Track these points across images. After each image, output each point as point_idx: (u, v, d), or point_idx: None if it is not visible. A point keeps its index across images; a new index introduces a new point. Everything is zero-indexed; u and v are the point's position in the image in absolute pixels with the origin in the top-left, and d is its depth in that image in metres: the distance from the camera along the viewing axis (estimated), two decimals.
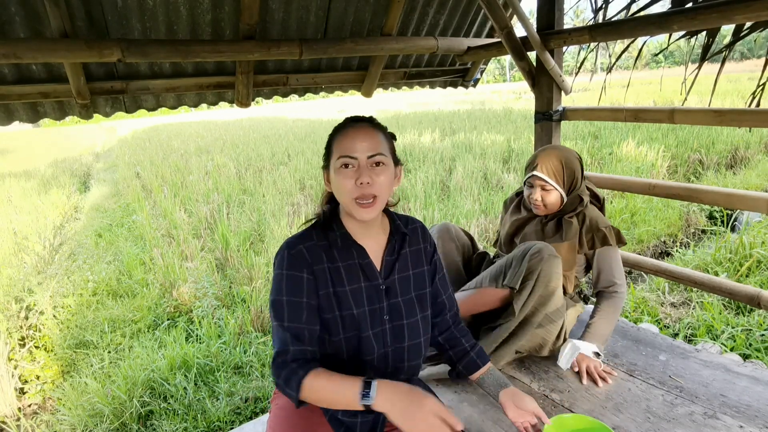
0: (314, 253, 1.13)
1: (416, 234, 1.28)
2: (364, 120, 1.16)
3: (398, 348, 1.22)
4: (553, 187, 1.77)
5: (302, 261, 1.11)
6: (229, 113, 37.48)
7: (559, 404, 1.69)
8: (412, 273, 1.25)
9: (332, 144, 1.13)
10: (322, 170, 1.18)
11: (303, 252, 1.12)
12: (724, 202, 1.95)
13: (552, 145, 1.84)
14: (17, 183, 11.41)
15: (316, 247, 1.14)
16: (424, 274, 1.28)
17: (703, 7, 1.61)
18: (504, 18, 2.21)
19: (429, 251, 1.30)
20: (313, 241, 1.14)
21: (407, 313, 1.22)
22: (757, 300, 1.89)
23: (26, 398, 3.39)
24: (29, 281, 4.75)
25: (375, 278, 1.18)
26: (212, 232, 6.19)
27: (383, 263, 1.20)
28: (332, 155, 1.12)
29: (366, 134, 1.11)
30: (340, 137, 1.12)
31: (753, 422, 1.54)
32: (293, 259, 1.11)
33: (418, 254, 1.27)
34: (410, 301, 1.24)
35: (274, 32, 2.14)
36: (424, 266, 1.28)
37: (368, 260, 1.18)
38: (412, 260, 1.26)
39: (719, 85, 17.67)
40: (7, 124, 1.98)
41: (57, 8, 1.60)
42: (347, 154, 1.08)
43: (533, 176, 1.79)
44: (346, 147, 1.09)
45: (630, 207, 5.85)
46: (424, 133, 13.14)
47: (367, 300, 1.17)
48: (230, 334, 3.61)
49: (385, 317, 1.19)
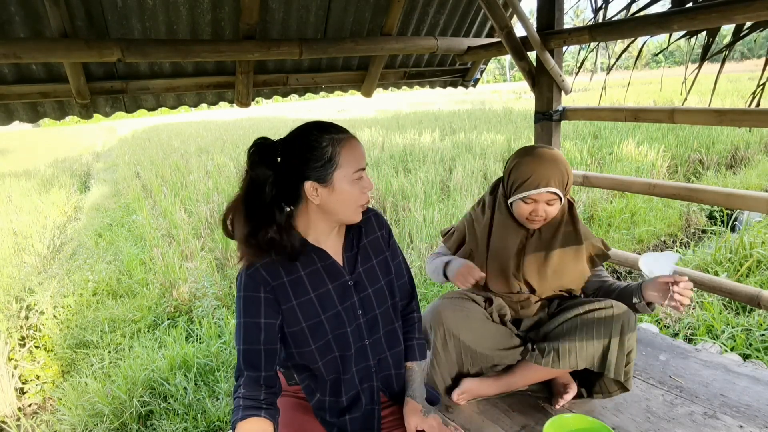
0: (271, 270, 1.12)
1: (370, 223, 1.29)
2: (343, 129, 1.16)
3: (376, 338, 1.24)
4: (559, 198, 1.58)
5: (260, 281, 1.11)
6: (229, 113, 37.47)
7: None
8: (375, 262, 1.27)
9: (336, 156, 1.09)
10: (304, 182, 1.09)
11: (259, 271, 1.12)
12: (725, 202, 1.95)
13: (538, 149, 1.62)
14: (17, 183, 11.41)
15: (274, 263, 1.13)
16: (388, 260, 1.30)
17: (704, 7, 1.60)
18: (504, 18, 2.21)
19: (385, 237, 1.32)
20: (270, 258, 1.12)
21: (378, 303, 1.25)
22: (757, 300, 1.89)
23: (26, 398, 3.40)
24: (30, 281, 4.75)
25: (341, 276, 1.20)
26: (212, 231, 6.19)
27: (344, 260, 1.22)
28: (338, 167, 1.09)
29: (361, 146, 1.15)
30: (348, 150, 1.10)
31: (753, 422, 1.54)
32: (249, 279, 1.12)
33: (377, 242, 1.29)
34: (380, 290, 1.26)
35: (274, 32, 2.14)
36: (385, 252, 1.30)
37: (330, 260, 1.19)
38: (373, 249, 1.27)
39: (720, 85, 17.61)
40: (7, 124, 1.98)
41: (57, 8, 1.60)
42: (363, 166, 1.13)
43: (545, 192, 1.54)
44: (359, 159, 1.11)
45: (630, 207, 5.85)
46: (425, 133, 13.14)
47: (338, 299, 1.18)
48: (230, 334, 3.61)
49: (358, 312, 1.21)
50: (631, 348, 1.53)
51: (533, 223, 1.61)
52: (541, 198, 1.56)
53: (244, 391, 1.09)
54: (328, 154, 1.08)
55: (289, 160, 1.10)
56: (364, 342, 1.22)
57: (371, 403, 1.25)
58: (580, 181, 2.44)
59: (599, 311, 1.53)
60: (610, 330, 1.50)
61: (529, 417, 1.62)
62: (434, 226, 5.57)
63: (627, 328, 1.51)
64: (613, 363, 1.51)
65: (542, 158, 1.57)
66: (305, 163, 1.08)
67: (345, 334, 1.18)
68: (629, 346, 1.52)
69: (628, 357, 1.53)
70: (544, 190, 1.53)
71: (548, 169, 1.54)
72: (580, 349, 1.52)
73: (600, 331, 1.51)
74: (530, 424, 1.59)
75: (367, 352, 1.23)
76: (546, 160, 1.56)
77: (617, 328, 1.50)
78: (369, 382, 1.24)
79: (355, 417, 1.21)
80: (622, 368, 1.53)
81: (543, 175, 1.53)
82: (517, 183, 1.58)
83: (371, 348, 1.24)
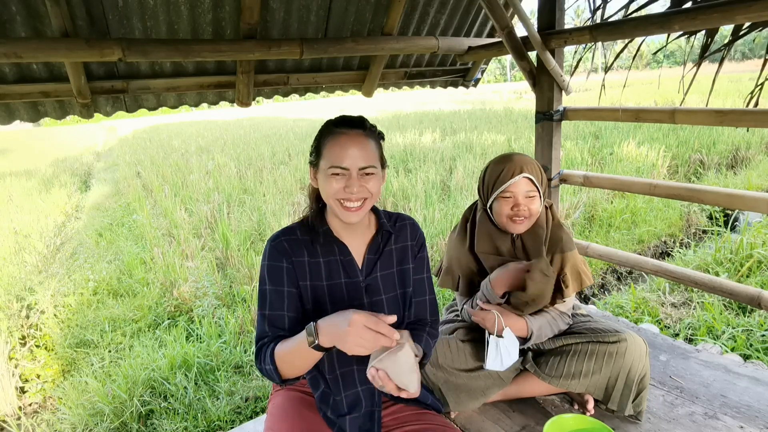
0: (294, 246, 1.18)
1: (404, 231, 1.28)
2: (356, 125, 1.12)
3: None
4: (537, 189, 1.53)
5: (282, 252, 1.16)
6: (230, 113, 37.49)
7: (560, 405, 1.69)
8: (396, 270, 1.25)
9: (322, 146, 1.12)
10: (309, 165, 1.18)
11: (283, 243, 1.17)
12: (725, 203, 1.95)
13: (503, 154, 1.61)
14: (18, 182, 11.42)
15: (298, 241, 1.18)
16: (409, 272, 1.27)
17: (704, 7, 1.60)
18: (505, 18, 2.21)
19: (415, 249, 1.29)
20: (296, 236, 1.19)
21: (390, 311, 1.22)
22: (757, 300, 1.88)
23: (27, 397, 3.40)
24: (30, 280, 4.76)
25: (356, 275, 1.19)
26: (213, 231, 6.19)
27: (365, 261, 1.21)
28: (322, 157, 1.12)
29: (358, 145, 1.09)
30: (332, 143, 1.10)
31: (753, 423, 1.54)
32: (274, 250, 1.17)
33: (404, 251, 1.27)
34: (394, 300, 1.24)
35: (274, 32, 2.14)
36: (409, 263, 1.27)
37: (350, 257, 1.19)
38: (398, 257, 1.25)
39: (721, 85, 17.66)
40: (7, 123, 1.99)
41: (58, 7, 1.60)
42: (339, 164, 1.08)
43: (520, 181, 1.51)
44: (338, 157, 1.08)
45: (630, 207, 5.85)
46: (425, 133, 13.14)
47: (347, 296, 1.18)
48: (231, 334, 3.62)
49: None
50: (643, 387, 1.52)
51: (516, 223, 1.54)
52: (519, 190, 1.52)
53: (270, 340, 1.12)
54: (318, 145, 1.14)
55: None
56: None
57: (371, 405, 1.24)
58: (580, 182, 2.44)
59: (613, 345, 1.51)
60: (620, 365, 1.49)
61: (529, 417, 1.62)
62: (435, 225, 5.57)
63: (637, 366, 1.49)
64: (617, 398, 1.51)
65: (512, 155, 1.58)
66: (312, 146, 1.17)
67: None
68: (639, 383, 1.51)
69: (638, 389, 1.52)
70: (520, 176, 1.51)
71: (520, 159, 1.54)
72: (584, 377, 1.51)
73: (609, 366, 1.49)
74: (530, 424, 1.59)
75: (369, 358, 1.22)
76: (516, 155, 1.57)
77: (627, 363, 1.49)
78: (369, 384, 1.23)
79: (355, 417, 1.21)
80: (626, 403, 1.51)
81: (516, 164, 1.53)
82: (491, 181, 1.57)
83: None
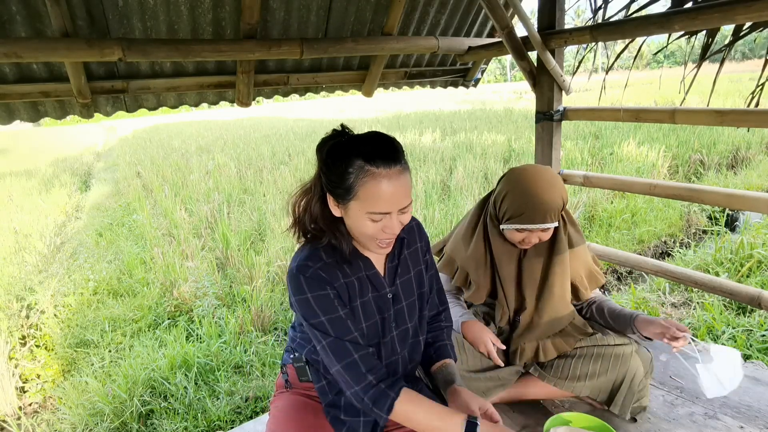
0: (329, 272, 1.08)
1: (413, 233, 1.27)
2: (392, 158, 0.98)
3: (404, 351, 1.23)
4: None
5: (323, 281, 1.07)
6: (230, 113, 37.48)
7: (560, 405, 1.69)
8: (412, 274, 1.25)
9: (357, 186, 0.98)
10: (328, 193, 1.04)
11: (319, 273, 1.07)
12: (725, 203, 1.95)
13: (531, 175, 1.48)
14: (18, 182, 11.43)
15: (329, 265, 1.09)
16: (423, 273, 1.27)
17: (705, 7, 1.60)
18: (505, 18, 2.21)
19: (423, 248, 1.29)
20: (323, 261, 1.08)
21: (410, 316, 1.23)
22: (757, 300, 1.88)
23: (27, 397, 3.40)
24: (30, 280, 4.76)
25: (382, 287, 1.17)
26: (213, 231, 6.19)
27: (386, 270, 1.20)
28: (355, 198, 0.99)
29: (399, 185, 0.98)
30: (371, 187, 0.96)
31: (753, 423, 1.54)
32: (312, 281, 1.06)
33: (416, 254, 1.27)
34: (413, 304, 1.24)
35: (274, 32, 2.14)
36: (421, 264, 1.27)
37: (374, 270, 1.16)
38: (412, 261, 1.25)
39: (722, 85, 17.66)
40: (7, 123, 1.99)
41: (58, 7, 1.60)
42: (380, 211, 0.99)
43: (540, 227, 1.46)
44: (378, 204, 0.98)
45: (631, 207, 5.85)
46: (425, 133, 13.14)
47: (377, 311, 1.16)
48: (231, 334, 3.62)
49: (392, 325, 1.19)
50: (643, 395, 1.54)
51: (524, 246, 1.53)
52: (537, 231, 1.47)
53: (376, 376, 1.05)
54: (348, 182, 0.98)
55: (324, 162, 1.03)
56: (397, 356, 1.20)
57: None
58: (580, 182, 2.44)
59: (619, 347, 1.52)
60: (625, 370, 1.50)
61: (529, 417, 1.62)
62: (435, 225, 5.57)
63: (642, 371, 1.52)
64: (620, 402, 1.52)
65: (536, 189, 1.43)
66: (328, 177, 1.02)
67: (378, 346, 1.17)
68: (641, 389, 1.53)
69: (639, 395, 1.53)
70: (539, 227, 1.44)
71: (543, 204, 1.42)
72: (589, 379, 1.52)
73: (615, 368, 1.50)
74: (530, 424, 1.59)
75: (398, 365, 1.21)
76: (541, 191, 1.43)
77: (634, 367, 1.50)
78: None
79: (368, 420, 1.20)
80: (628, 407, 1.53)
81: (538, 211, 1.42)
82: (508, 214, 1.47)
83: (401, 361, 1.22)
